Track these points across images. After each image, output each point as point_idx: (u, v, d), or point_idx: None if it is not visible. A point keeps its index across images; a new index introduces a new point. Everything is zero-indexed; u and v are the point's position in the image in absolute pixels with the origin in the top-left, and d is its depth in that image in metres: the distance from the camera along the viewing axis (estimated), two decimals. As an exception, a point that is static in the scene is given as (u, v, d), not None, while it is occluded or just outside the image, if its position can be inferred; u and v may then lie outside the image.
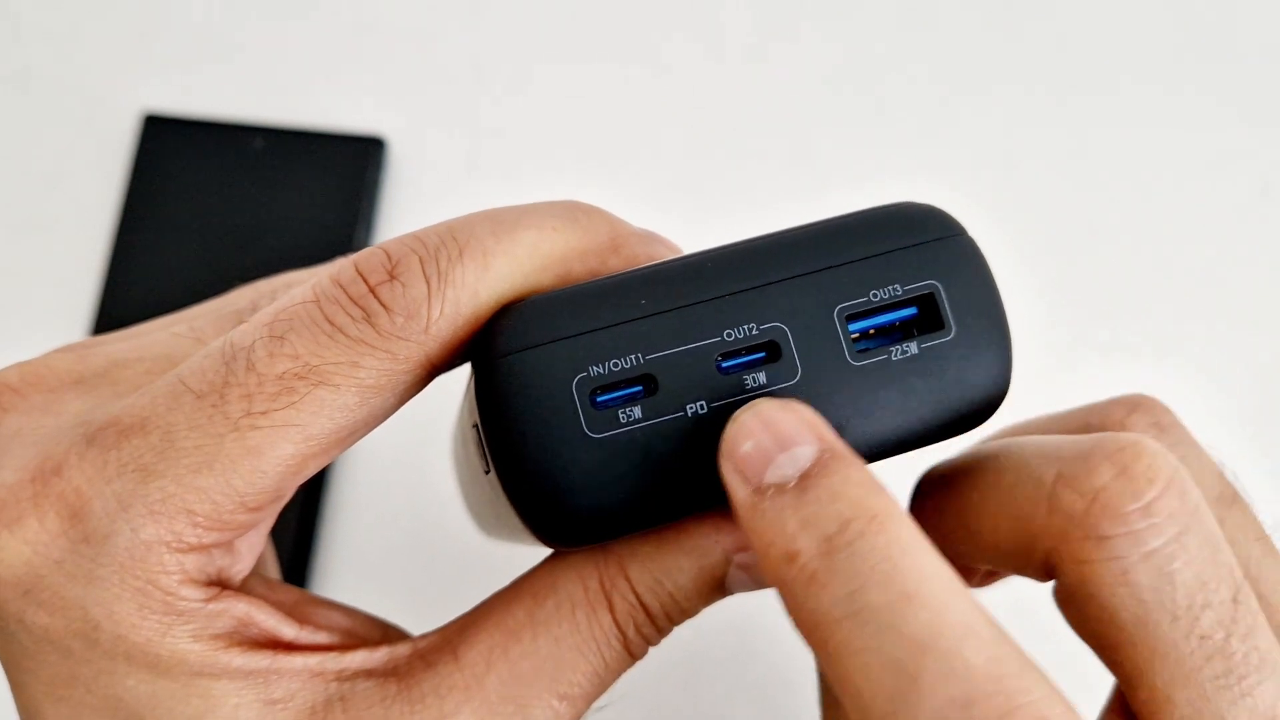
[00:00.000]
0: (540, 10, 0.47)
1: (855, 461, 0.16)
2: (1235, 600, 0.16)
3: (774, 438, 0.16)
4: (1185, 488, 0.16)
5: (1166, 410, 0.20)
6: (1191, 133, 0.44)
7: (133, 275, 0.42)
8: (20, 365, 0.20)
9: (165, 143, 0.43)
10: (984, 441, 0.20)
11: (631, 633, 0.19)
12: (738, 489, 0.16)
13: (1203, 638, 0.16)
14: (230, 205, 0.43)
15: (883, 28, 0.46)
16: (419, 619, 0.22)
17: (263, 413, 0.17)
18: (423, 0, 0.47)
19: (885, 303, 0.17)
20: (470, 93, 0.45)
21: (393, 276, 0.17)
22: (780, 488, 0.16)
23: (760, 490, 0.16)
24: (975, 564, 0.20)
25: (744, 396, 0.17)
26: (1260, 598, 0.18)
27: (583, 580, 0.19)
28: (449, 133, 0.45)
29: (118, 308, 0.42)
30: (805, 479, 0.16)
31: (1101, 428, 0.20)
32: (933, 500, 0.20)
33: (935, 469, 0.21)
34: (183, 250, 0.42)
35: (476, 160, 0.45)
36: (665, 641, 0.20)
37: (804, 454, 0.16)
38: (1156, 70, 0.45)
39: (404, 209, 0.44)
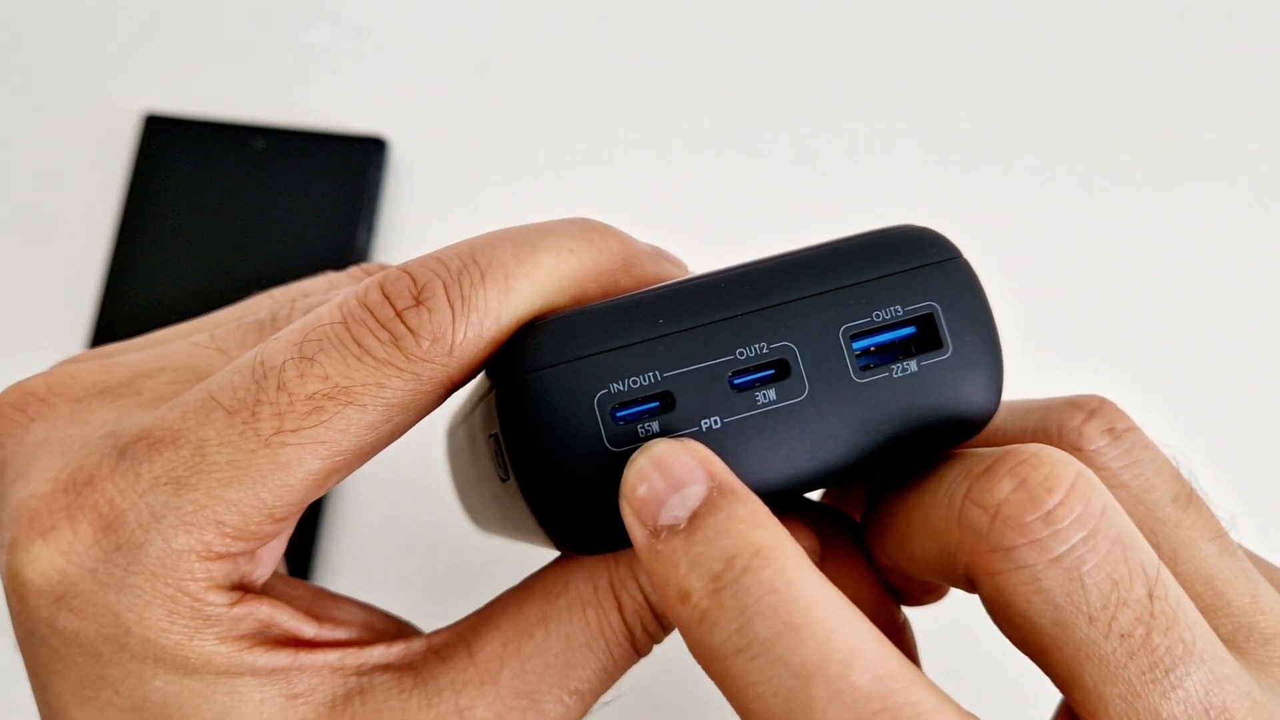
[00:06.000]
0: (540, 10, 0.47)
1: (744, 497, 0.17)
2: (1151, 596, 0.16)
3: (666, 479, 0.17)
4: (1089, 492, 0.17)
5: (1122, 414, 0.20)
6: (1188, 133, 0.45)
7: (133, 275, 0.42)
8: (46, 374, 0.21)
9: (165, 143, 0.44)
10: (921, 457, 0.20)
11: (639, 631, 0.20)
12: (635, 531, 0.17)
13: (1123, 636, 0.16)
14: (231, 205, 0.43)
15: (880, 44, 0.47)
16: (422, 616, 0.23)
17: (293, 430, 0.17)
18: (424, 0, 0.47)
19: (887, 322, 0.18)
20: (471, 93, 0.46)
21: (418, 301, 0.18)
22: (673, 529, 0.16)
23: (655, 532, 0.17)
24: (922, 579, 0.20)
25: (756, 412, 0.18)
26: (1218, 596, 0.18)
27: (593, 581, 0.20)
28: (450, 133, 0.45)
29: (119, 308, 0.42)
30: (694, 519, 0.16)
31: (1058, 431, 0.20)
32: (876, 519, 0.21)
33: (881, 487, 0.21)
34: (183, 251, 0.42)
35: (478, 161, 0.45)
36: (669, 637, 0.21)
37: (694, 493, 0.17)
38: (1151, 71, 0.46)
39: (405, 209, 0.44)
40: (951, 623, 0.27)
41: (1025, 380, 0.26)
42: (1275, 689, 0.17)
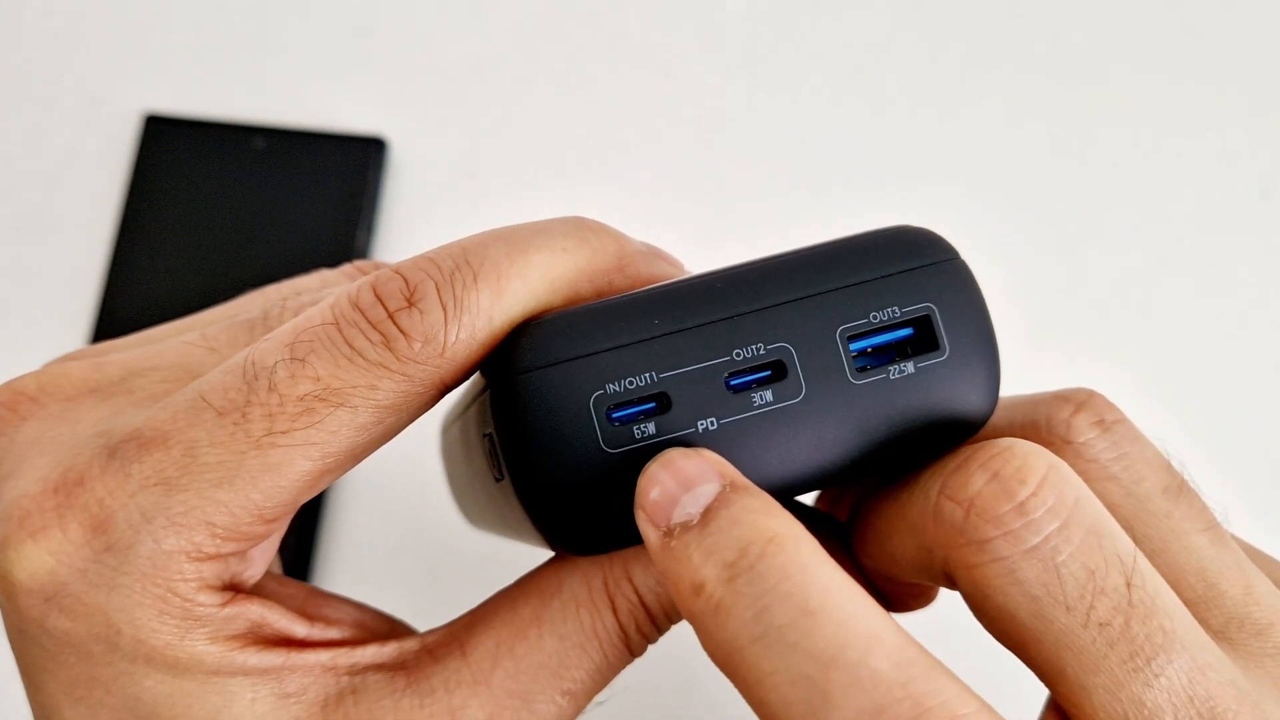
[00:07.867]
0: (539, 10, 0.47)
1: (755, 490, 0.17)
2: (1129, 585, 0.16)
3: (678, 481, 0.17)
4: (1062, 483, 0.17)
5: (1112, 406, 0.20)
6: (1187, 133, 0.45)
7: (133, 275, 0.42)
8: (37, 373, 0.21)
9: (166, 143, 0.44)
10: None
11: (633, 631, 0.20)
12: (649, 534, 0.17)
13: (1101, 625, 0.16)
14: (231, 205, 0.43)
15: (881, 42, 0.47)
16: (419, 615, 0.23)
17: (284, 432, 0.17)
18: (423, 0, 0.47)
19: (884, 324, 0.18)
20: (471, 93, 0.46)
21: (410, 303, 0.18)
22: (685, 526, 0.16)
23: (669, 532, 0.17)
24: (907, 579, 0.20)
25: (752, 413, 0.18)
26: (1210, 587, 0.18)
27: (588, 581, 0.20)
28: (450, 133, 0.45)
29: (119, 308, 0.42)
30: (707, 513, 0.16)
31: (1046, 425, 0.20)
32: (861, 521, 0.21)
33: (867, 489, 0.21)
34: (183, 250, 0.42)
35: (477, 161, 0.45)
36: (664, 637, 0.21)
37: (706, 491, 0.17)
38: (1151, 70, 0.46)
39: (405, 210, 0.44)
40: (934, 634, 0.27)
41: (1020, 374, 0.26)
42: (1263, 680, 0.17)
